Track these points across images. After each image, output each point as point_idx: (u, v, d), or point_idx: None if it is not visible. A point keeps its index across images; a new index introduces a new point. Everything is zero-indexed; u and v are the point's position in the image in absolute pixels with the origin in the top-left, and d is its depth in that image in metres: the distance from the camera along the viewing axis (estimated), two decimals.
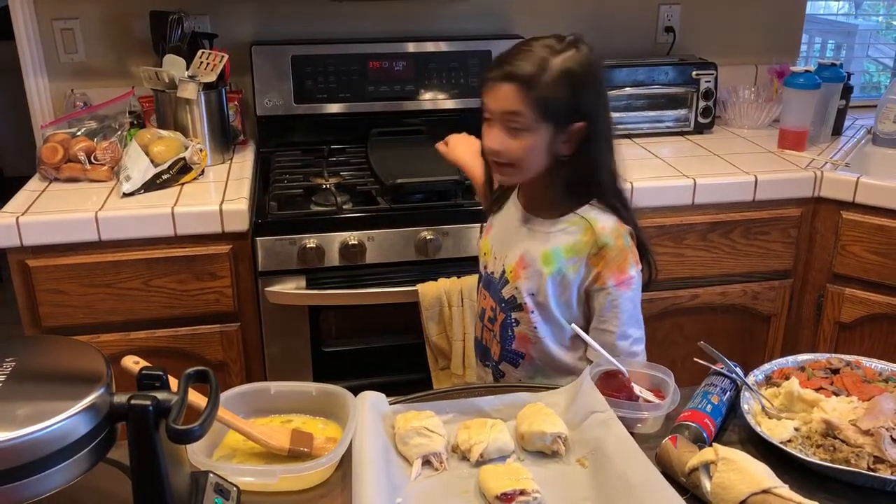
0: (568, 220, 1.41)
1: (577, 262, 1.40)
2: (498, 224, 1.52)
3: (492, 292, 1.49)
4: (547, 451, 1.06)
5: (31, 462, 0.74)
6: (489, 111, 1.36)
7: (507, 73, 1.32)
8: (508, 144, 1.34)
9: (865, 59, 3.48)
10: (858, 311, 2.09)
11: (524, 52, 1.33)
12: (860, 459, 0.99)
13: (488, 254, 1.52)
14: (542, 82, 1.31)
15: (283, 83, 2.29)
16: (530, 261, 1.42)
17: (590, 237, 1.39)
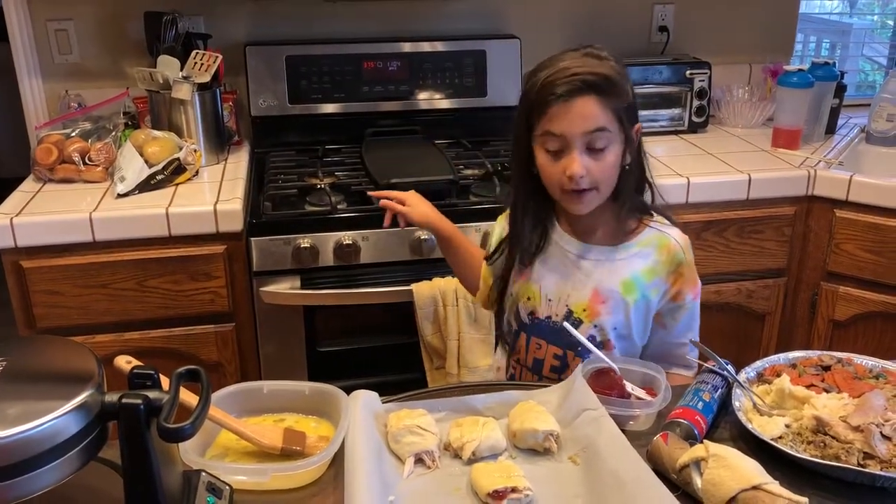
0: (639, 243, 1.34)
1: (658, 284, 1.35)
2: (542, 263, 1.38)
3: (555, 339, 1.36)
4: (539, 449, 1.06)
5: (22, 461, 0.74)
6: (563, 136, 1.22)
7: (584, 83, 1.20)
8: (593, 165, 1.23)
9: (860, 58, 3.48)
10: (852, 310, 2.09)
11: (581, 60, 1.22)
12: (850, 455, 0.99)
13: (536, 298, 1.38)
14: (617, 87, 1.22)
15: (277, 83, 2.29)
16: (608, 294, 1.33)
17: (666, 255, 1.34)
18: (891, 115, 2.34)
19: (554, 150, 1.25)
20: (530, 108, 1.26)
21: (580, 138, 1.22)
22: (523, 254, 1.39)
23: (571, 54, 1.26)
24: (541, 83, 1.24)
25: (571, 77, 1.20)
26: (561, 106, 1.21)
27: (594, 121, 1.21)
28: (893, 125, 2.34)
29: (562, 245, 1.37)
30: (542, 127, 1.24)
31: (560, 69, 1.22)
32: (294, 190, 2.01)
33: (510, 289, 1.42)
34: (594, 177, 1.24)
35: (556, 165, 1.25)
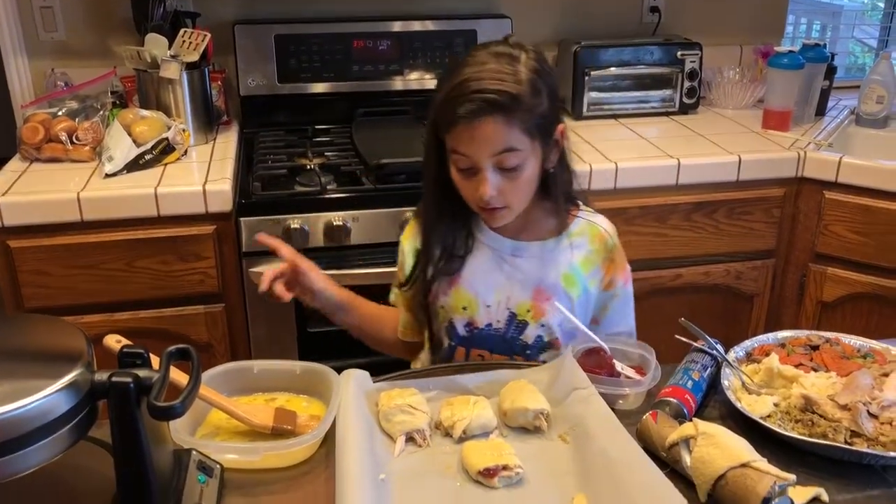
0: (571, 234, 1.30)
1: (595, 273, 1.33)
2: (470, 269, 1.30)
3: (499, 347, 1.31)
4: (529, 427, 1.07)
5: (12, 439, 0.74)
6: (470, 157, 1.16)
7: (485, 103, 1.11)
8: (507, 187, 1.18)
9: (850, 40, 3.49)
10: (840, 291, 2.11)
11: (485, 72, 1.13)
12: (837, 434, 1.00)
13: (473, 307, 1.30)
14: (524, 95, 1.13)
15: (266, 63, 2.27)
16: (551, 290, 1.28)
17: (599, 244, 1.33)
18: (880, 97, 2.34)
19: (465, 167, 1.19)
20: (439, 119, 1.18)
21: (488, 160, 1.16)
22: (449, 260, 1.30)
23: (481, 57, 1.16)
24: (443, 98, 1.15)
25: (473, 96, 1.11)
26: (465, 127, 1.13)
27: (501, 142, 1.14)
28: (883, 107, 2.35)
29: (492, 245, 1.31)
30: (449, 144, 1.18)
31: (463, 82, 1.13)
32: (283, 170, 2.00)
33: (438, 302, 1.33)
34: (506, 197, 1.19)
35: (468, 183, 1.20)
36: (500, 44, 1.19)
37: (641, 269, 2.08)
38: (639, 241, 2.05)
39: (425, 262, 1.32)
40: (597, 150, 2.07)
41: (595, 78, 2.35)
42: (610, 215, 1.97)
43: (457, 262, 1.31)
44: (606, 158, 2.01)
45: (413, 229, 1.39)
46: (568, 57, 2.37)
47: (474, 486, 0.97)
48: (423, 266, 1.33)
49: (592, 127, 2.31)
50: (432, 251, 1.31)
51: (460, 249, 1.31)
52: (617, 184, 1.99)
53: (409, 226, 1.41)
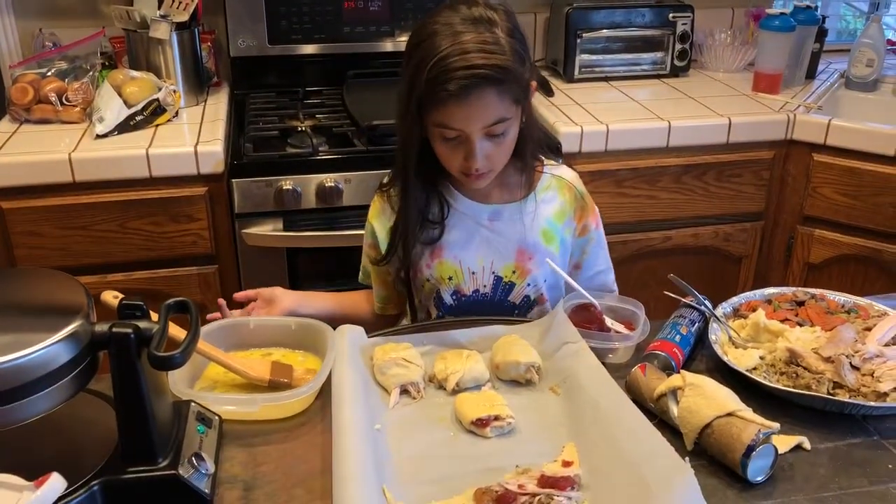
0: (541, 189, 1.33)
1: (568, 223, 1.36)
2: (452, 239, 1.31)
3: (488, 311, 1.32)
4: (521, 380, 1.09)
5: (15, 387, 0.75)
6: (461, 130, 1.16)
7: (477, 78, 1.10)
8: (494, 154, 1.19)
9: (841, 3, 3.47)
10: (827, 252, 2.13)
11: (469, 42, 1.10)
12: (821, 385, 1.03)
13: (458, 275, 1.32)
14: (513, 66, 1.13)
15: (256, 23, 2.25)
16: (533, 248, 1.31)
17: (569, 194, 1.35)
18: (870, 61, 2.35)
19: (451, 137, 1.18)
20: (421, 94, 1.14)
21: (479, 130, 1.16)
22: (426, 227, 1.30)
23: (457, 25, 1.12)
24: (429, 71, 1.11)
25: (463, 72, 1.09)
26: (456, 103, 1.12)
27: (493, 114, 1.15)
28: (872, 70, 2.36)
29: (468, 212, 1.31)
30: (436, 118, 1.16)
31: (447, 57, 1.10)
32: (275, 132, 2.00)
33: (422, 275, 1.34)
34: (492, 161, 1.21)
35: (454, 152, 1.20)
36: (472, 4, 1.15)
37: (631, 231, 2.11)
38: (629, 203, 2.06)
39: (404, 233, 1.31)
40: (588, 113, 2.08)
41: (587, 40, 2.34)
42: (600, 177, 2.01)
43: (435, 231, 1.31)
44: (598, 120, 2.02)
45: (378, 206, 1.38)
46: (560, 19, 2.36)
47: (467, 436, 0.99)
48: (401, 239, 1.32)
49: (584, 89, 2.31)
50: (410, 220, 1.29)
51: (437, 216, 1.31)
52: (608, 146, 2.00)
53: (373, 204, 1.40)
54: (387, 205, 1.36)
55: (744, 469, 0.90)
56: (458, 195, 1.32)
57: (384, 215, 1.37)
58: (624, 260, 2.12)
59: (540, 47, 2.56)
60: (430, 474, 0.92)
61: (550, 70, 2.48)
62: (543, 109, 2.12)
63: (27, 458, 0.79)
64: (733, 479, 0.92)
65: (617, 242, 2.10)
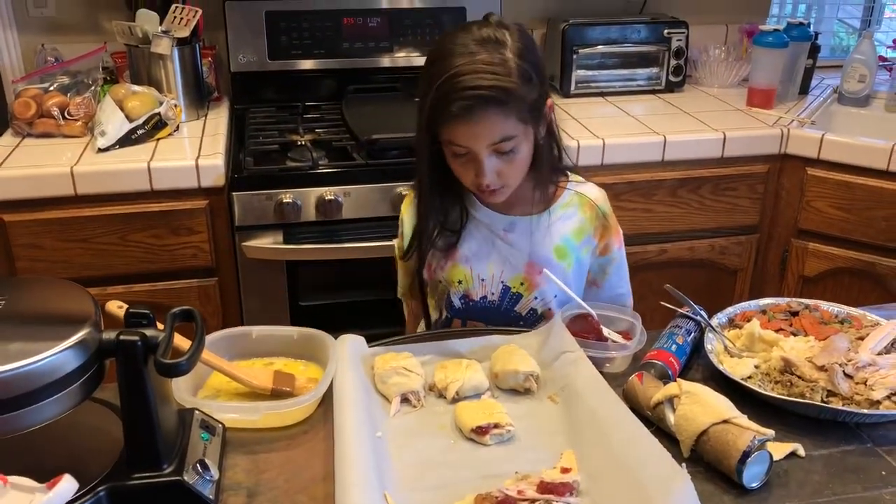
0: (562, 205, 1.34)
1: (588, 241, 1.37)
2: (466, 244, 1.34)
3: (494, 319, 1.35)
4: (519, 389, 1.10)
5: (23, 394, 0.77)
6: (467, 148, 1.19)
7: (481, 99, 1.13)
8: (505, 171, 1.22)
9: (834, 20, 3.52)
10: (821, 266, 2.16)
11: (476, 63, 1.14)
12: (815, 393, 1.04)
13: (468, 280, 1.34)
14: (517, 87, 1.15)
15: (256, 39, 2.28)
16: (544, 262, 1.32)
17: (590, 212, 1.36)
18: (862, 76, 2.38)
19: (461, 154, 1.21)
20: (431, 109, 1.18)
21: (485, 148, 1.19)
22: (444, 235, 1.33)
23: (469, 46, 1.16)
24: (436, 93, 1.16)
25: (467, 93, 1.13)
26: (461, 123, 1.16)
27: (497, 133, 1.17)
28: (865, 86, 2.39)
29: (485, 221, 1.34)
30: (444, 135, 1.20)
31: (454, 76, 1.14)
32: (275, 146, 2.02)
33: (435, 276, 1.37)
34: (504, 178, 1.22)
35: (465, 168, 1.23)
36: (484, 25, 1.20)
37: (628, 245, 2.08)
38: (625, 216, 2.08)
39: (421, 237, 1.35)
40: (584, 127, 2.10)
41: (583, 56, 2.38)
42: None
43: (452, 237, 1.34)
44: (594, 135, 2.04)
45: (410, 202, 1.42)
46: (556, 35, 2.39)
47: (467, 443, 1.00)
48: (419, 242, 1.36)
49: (580, 104, 2.34)
50: (428, 227, 1.33)
51: (455, 224, 1.34)
52: (604, 160, 2.03)
53: (406, 199, 1.44)
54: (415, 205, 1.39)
55: (739, 475, 0.91)
56: (478, 204, 1.35)
57: (413, 212, 1.39)
58: None
59: None
60: (432, 481, 0.93)
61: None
62: None
63: (34, 464, 0.80)
64: (729, 486, 0.93)
65: None
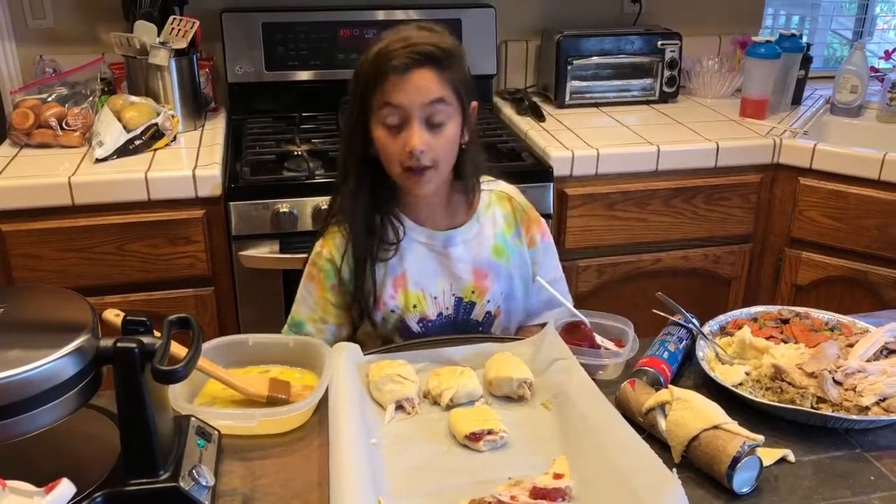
0: (484, 207, 1.37)
1: (517, 233, 1.40)
2: (412, 267, 1.33)
3: (452, 331, 1.36)
4: (513, 396, 1.11)
5: (21, 401, 0.78)
6: (401, 107, 1.19)
7: (422, 55, 1.17)
8: (433, 141, 1.21)
9: (827, 31, 3.55)
10: (814, 274, 2.17)
11: (417, 32, 1.20)
12: (804, 399, 1.05)
13: (422, 302, 1.34)
14: (454, 60, 1.21)
15: (253, 50, 2.30)
16: (487, 266, 1.36)
17: (509, 205, 1.41)
18: (854, 87, 2.41)
19: (393, 124, 1.21)
20: (366, 82, 1.21)
21: (419, 110, 1.20)
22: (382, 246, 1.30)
23: (408, 27, 1.23)
24: (375, 54, 1.20)
25: (408, 48, 1.17)
26: (399, 78, 1.18)
27: (433, 92, 1.19)
28: (857, 96, 2.41)
29: (423, 240, 1.34)
30: (379, 99, 1.20)
31: (394, 40, 1.19)
32: (272, 156, 2.04)
33: (387, 307, 1.33)
34: (434, 153, 1.22)
35: (395, 140, 1.22)
36: (418, 21, 1.29)
37: (622, 253, 2.15)
38: (620, 225, 2.10)
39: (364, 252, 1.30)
40: (579, 137, 2.12)
41: (577, 67, 2.40)
42: (592, 200, 2.05)
43: (391, 251, 1.32)
44: (588, 145, 2.06)
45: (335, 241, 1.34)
46: (551, 46, 2.41)
47: (461, 450, 1.01)
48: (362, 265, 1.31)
49: (575, 115, 2.36)
50: (362, 238, 1.30)
51: (391, 237, 1.32)
52: (598, 170, 2.04)
53: (328, 235, 1.36)
54: (340, 238, 1.34)
55: (730, 480, 0.92)
56: (410, 223, 1.34)
57: (341, 249, 1.34)
58: (615, 281, 2.15)
59: (531, 74, 2.62)
60: (426, 487, 0.94)
61: (542, 96, 2.53)
62: (535, 134, 2.16)
63: (31, 471, 0.81)
64: (720, 491, 0.94)
65: (608, 264, 2.13)
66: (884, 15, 3.39)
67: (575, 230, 2.06)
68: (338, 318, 1.37)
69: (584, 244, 2.08)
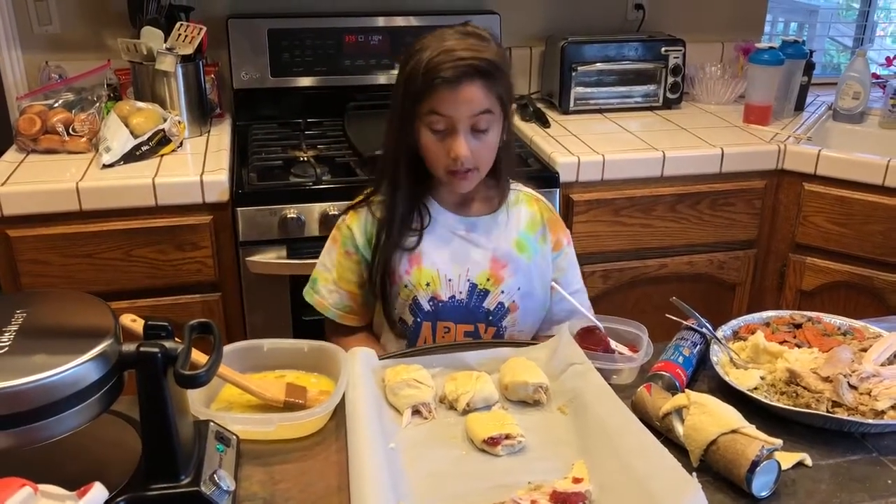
0: (511, 204, 1.41)
1: (542, 233, 1.43)
2: (430, 246, 1.38)
3: (463, 317, 1.38)
4: (529, 401, 1.12)
5: (45, 405, 0.78)
6: (449, 117, 1.24)
7: (471, 68, 1.22)
8: (477, 149, 1.27)
9: (826, 38, 3.57)
10: (819, 280, 2.18)
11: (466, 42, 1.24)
12: (820, 403, 1.06)
13: (435, 282, 1.37)
14: (501, 72, 1.26)
15: (259, 56, 2.30)
16: (506, 257, 1.38)
17: (536, 206, 1.44)
18: (857, 93, 2.42)
19: (439, 129, 1.27)
20: (415, 91, 1.25)
21: (466, 121, 1.25)
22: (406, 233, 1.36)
23: (453, 34, 1.26)
24: (426, 65, 1.23)
25: (458, 61, 1.22)
26: (447, 89, 1.23)
27: (480, 104, 1.24)
28: (859, 102, 2.42)
29: (447, 223, 1.39)
30: (427, 106, 1.25)
31: (445, 51, 1.23)
32: (279, 162, 2.04)
33: (400, 282, 1.38)
34: (477, 158, 1.29)
35: (441, 146, 1.28)
36: (464, 26, 1.29)
37: (628, 259, 2.15)
38: (625, 231, 2.11)
39: (389, 235, 1.37)
40: (584, 143, 2.13)
41: (581, 73, 2.41)
42: (597, 206, 2.06)
43: (414, 236, 1.37)
44: (593, 151, 2.06)
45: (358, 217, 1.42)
46: (555, 52, 2.42)
47: (479, 454, 1.02)
48: (386, 242, 1.37)
49: (579, 121, 2.36)
50: (396, 224, 1.36)
51: (416, 223, 1.37)
52: (604, 175, 2.05)
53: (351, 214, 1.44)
54: (367, 215, 1.41)
55: (749, 484, 0.93)
56: (437, 207, 1.40)
57: (363, 224, 1.41)
58: (621, 286, 2.16)
59: (536, 80, 2.62)
60: (445, 491, 0.94)
61: (546, 102, 2.53)
62: (540, 140, 2.17)
63: (55, 476, 0.81)
64: (739, 495, 0.94)
65: (614, 269, 2.14)
66: (883, 22, 3.42)
67: (581, 235, 2.06)
68: (349, 287, 1.43)
69: (589, 249, 2.08)
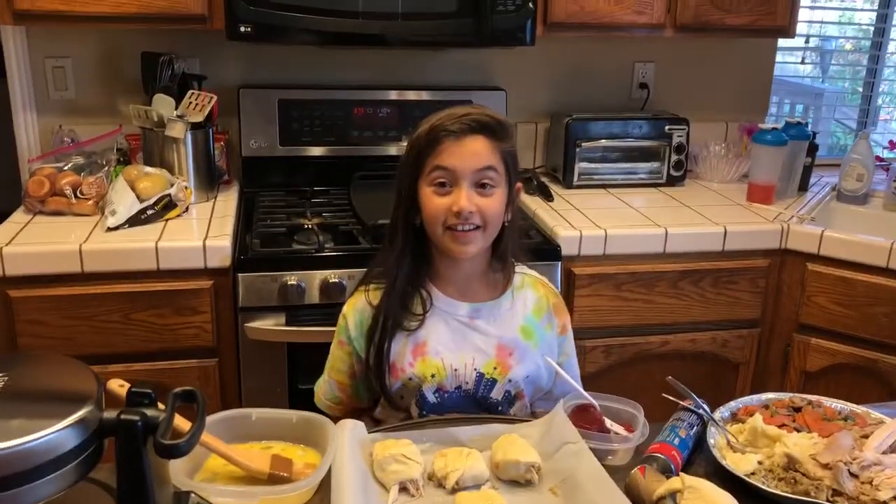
0: (516, 288, 1.39)
1: (548, 318, 1.41)
2: (434, 337, 1.33)
3: (470, 407, 1.34)
4: (520, 480, 1.09)
5: (21, 472, 0.76)
6: (453, 170, 1.25)
7: (476, 123, 1.26)
8: (483, 203, 1.26)
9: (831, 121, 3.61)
10: (823, 361, 2.15)
11: (476, 109, 1.30)
12: (819, 492, 1.03)
13: (441, 372, 1.32)
14: (506, 133, 1.29)
15: (268, 125, 2.34)
16: (513, 345, 1.34)
17: (542, 290, 1.42)
18: (860, 175, 2.43)
19: (442, 184, 1.27)
20: (420, 148, 1.28)
21: (470, 175, 1.26)
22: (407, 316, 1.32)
23: (460, 106, 1.31)
24: (431, 125, 1.28)
25: (463, 117, 1.26)
26: (452, 143, 1.25)
27: (484, 159, 1.26)
28: (863, 184, 2.44)
29: (449, 311, 1.35)
30: (431, 162, 1.27)
31: (450, 113, 1.28)
32: (282, 229, 2.05)
33: (404, 375, 1.33)
34: (483, 214, 1.27)
35: (443, 199, 1.26)
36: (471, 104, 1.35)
37: (630, 335, 2.13)
38: (627, 307, 2.09)
39: (387, 319, 1.32)
40: (587, 218, 2.14)
41: (586, 149, 2.43)
42: (599, 280, 2.05)
43: (416, 321, 1.33)
44: (596, 225, 2.07)
45: (353, 302, 1.39)
46: (560, 128, 2.46)
47: None
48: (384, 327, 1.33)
49: (583, 195, 2.38)
50: (393, 308, 1.32)
51: (417, 307, 1.33)
52: (606, 250, 2.05)
53: (353, 298, 1.40)
54: (364, 304, 1.37)
55: None
56: (438, 294, 1.36)
57: (358, 314, 1.38)
58: (623, 363, 2.13)
59: (540, 154, 2.66)
60: None
61: (550, 176, 2.56)
62: (543, 213, 2.18)
63: None
64: None
65: (615, 345, 2.12)
66: (886, 106, 3.46)
67: (582, 309, 2.05)
68: (339, 377, 1.42)
69: (591, 324, 2.07)
